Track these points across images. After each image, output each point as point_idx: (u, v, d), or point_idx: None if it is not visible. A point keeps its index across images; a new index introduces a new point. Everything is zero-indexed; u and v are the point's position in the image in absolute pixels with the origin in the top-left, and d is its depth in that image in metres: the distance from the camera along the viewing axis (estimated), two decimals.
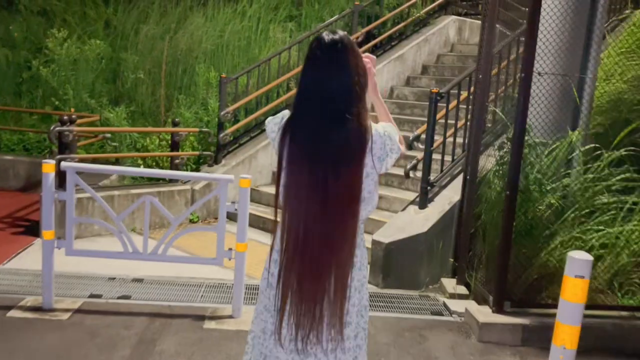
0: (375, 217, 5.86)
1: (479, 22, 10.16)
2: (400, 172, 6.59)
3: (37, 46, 9.26)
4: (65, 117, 5.53)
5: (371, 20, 8.81)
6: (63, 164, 3.76)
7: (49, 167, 3.73)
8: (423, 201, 5.05)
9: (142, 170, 4.25)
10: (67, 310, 3.90)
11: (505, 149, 4.72)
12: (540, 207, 4.49)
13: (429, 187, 5.07)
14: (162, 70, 8.04)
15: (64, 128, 5.40)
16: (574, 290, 2.90)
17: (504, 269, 4.07)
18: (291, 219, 1.85)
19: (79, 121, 6.92)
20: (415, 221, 4.91)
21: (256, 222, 6.35)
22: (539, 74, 4.05)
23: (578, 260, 2.84)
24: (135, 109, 8.59)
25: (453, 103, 5.48)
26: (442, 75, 8.80)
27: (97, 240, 5.71)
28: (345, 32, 1.94)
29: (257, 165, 7.18)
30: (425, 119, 7.59)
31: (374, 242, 4.80)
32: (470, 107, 5.29)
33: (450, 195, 5.15)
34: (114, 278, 4.60)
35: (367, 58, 1.96)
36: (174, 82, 8.70)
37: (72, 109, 8.14)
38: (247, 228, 3.91)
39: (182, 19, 9.40)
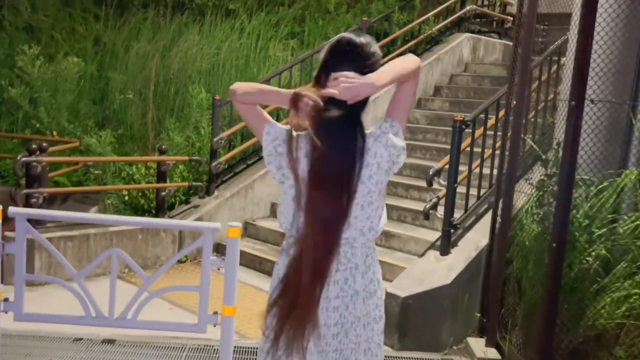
0: (388, 260, 5.15)
1: (494, 40, 9.59)
2: (413, 205, 5.90)
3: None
4: (34, 146, 4.86)
5: (380, 37, 8.15)
6: (11, 210, 3.06)
7: None
8: (445, 246, 4.33)
9: (106, 218, 3.53)
10: None
11: (545, 189, 4.03)
12: (587, 259, 3.78)
13: (452, 230, 4.36)
14: (150, 91, 7.37)
15: (32, 159, 4.71)
16: None
17: (549, 338, 3.35)
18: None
19: (55, 148, 6.27)
20: (436, 271, 4.20)
21: (252, 263, 5.63)
22: (592, 101, 3.37)
23: None
24: (124, 132, 7.93)
25: (477, 132, 4.79)
26: (456, 97, 8.14)
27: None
28: (368, 36, 1.95)
29: (254, 197, 6.48)
30: (440, 145, 6.94)
31: (389, 296, 4.08)
32: (500, 134, 4.62)
33: (477, 238, 4.43)
34: (81, 339, 3.88)
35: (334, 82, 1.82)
36: (165, 103, 8.03)
37: (55, 133, 7.49)
38: (235, 288, 3.19)
39: (177, 35, 8.78)
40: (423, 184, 6.03)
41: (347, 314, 1.89)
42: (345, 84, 1.77)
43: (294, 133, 1.88)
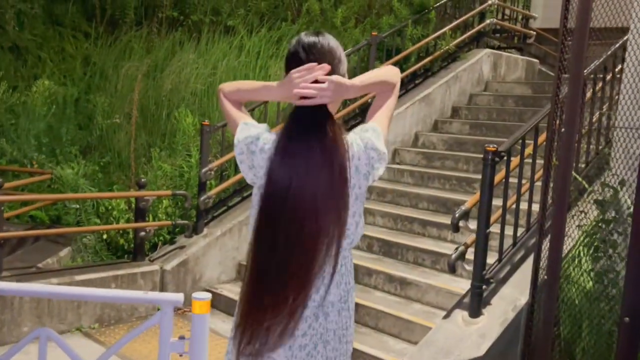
0: (404, 315, 4.35)
1: (516, 56, 8.81)
2: (432, 246, 5.10)
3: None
4: None
5: (391, 54, 7.40)
6: None
7: None
8: (475, 306, 3.52)
9: (45, 291, 2.72)
10: None
11: (603, 238, 3.23)
12: None
13: (483, 286, 3.55)
14: (134, 115, 6.66)
15: None
16: None
17: None
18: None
19: (26, 181, 5.59)
20: (465, 338, 3.38)
21: None
22: None
23: None
24: (111, 159, 7.22)
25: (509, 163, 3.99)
26: (477, 119, 7.35)
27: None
28: (325, 34, 1.80)
29: (249, 234, 5.69)
30: (461, 174, 6.12)
31: None
32: (537, 161, 3.84)
33: (514, 295, 3.62)
34: None
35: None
36: (157, 128, 7.32)
37: (34, 162, 6.80)
38: None
39: (170, 54, 8.10)
40: (443, 219, 5.26)
41: (317, 325, 1.78)
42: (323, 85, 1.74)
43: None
